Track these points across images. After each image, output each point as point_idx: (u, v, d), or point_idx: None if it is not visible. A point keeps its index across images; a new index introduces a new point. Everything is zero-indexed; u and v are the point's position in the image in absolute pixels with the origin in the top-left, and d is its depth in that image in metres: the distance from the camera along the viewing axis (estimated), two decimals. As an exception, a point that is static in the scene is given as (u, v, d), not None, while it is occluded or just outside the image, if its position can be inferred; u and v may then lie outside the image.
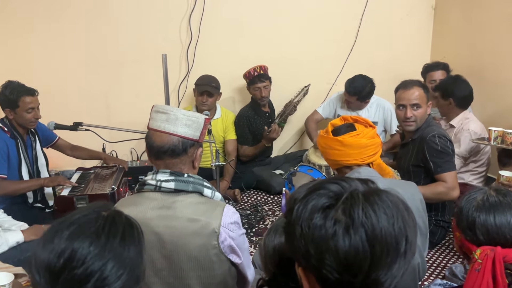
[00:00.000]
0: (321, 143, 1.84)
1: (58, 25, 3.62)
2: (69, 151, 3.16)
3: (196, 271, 1.41)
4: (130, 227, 0.96)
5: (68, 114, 3.18)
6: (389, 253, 0.73)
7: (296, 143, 4.35)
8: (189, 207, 1.42)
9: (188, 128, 1.44)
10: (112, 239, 0.90)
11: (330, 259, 0.73)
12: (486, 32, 3.60)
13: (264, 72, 3.66)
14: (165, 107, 1.46)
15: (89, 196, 2.62)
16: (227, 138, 3.74)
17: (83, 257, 0.86)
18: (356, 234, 0.73)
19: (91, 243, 0.88)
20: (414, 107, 2.52)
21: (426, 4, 4.23)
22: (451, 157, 2.51)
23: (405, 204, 0.79)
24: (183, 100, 3.96)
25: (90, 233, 0.89)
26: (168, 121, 1.43)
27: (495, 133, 2.76)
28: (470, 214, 1.29)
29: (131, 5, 3.71)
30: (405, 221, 0.76)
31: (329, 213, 0.75)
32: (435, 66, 3.55)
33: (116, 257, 0.89)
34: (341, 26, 4.09)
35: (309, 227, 0.76)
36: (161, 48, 3.03)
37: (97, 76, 3.77)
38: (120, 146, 3.40)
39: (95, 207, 0.97)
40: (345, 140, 1.74)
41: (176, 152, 1.44)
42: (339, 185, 0.79)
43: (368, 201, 0.75)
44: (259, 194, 3.66)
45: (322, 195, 0.78)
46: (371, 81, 3.61)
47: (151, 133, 1.47)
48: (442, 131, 2.53)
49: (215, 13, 3.82)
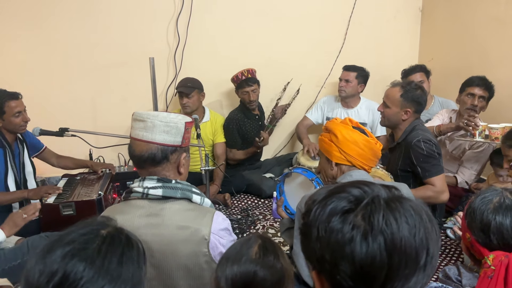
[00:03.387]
0: (344, 133, 1.74)
1: (43, 29, 3.56)
2: (54, 161, 3.12)
3: (186, 280, 1.38)
4: (129, 248, 0.89)
5: (54, 120, 3.13)
6: (408, 265, 0.70)
7: (286, 146, 4.34)
8: (178, 214, 1.38)
9: (166, 135, 1.39)
10: (108, 263, 0.83)
11: (345, 266, 0.70)
12: (473, 33, 3.63)
13: (252, 76, 3.64)
14: (143, 114, 1.40)
15: (75, 203, 2.56)
16: (216, 141, 3.71)
17: (75, 282, 0.79)
18: (375, 241, 0.69)
19: (85, 267, 0.81)
20: (384, 104, 2.62)
21: (413, 6, 4.25)
22: (438, 160, 2.51)
23: (429, 215, 0.75)
24: (171, 104, 3.92)
25: (86, 255, 0.82)
26: (145, 129, 1.39)
27: (480, 128, 2.75)
28: (485, 216, 1.23)
29: (117, 9, 3.66)
30: (427, 232, 0.72)
31: (348, 217, 0.72)
32: (412, 69, 3.58)
33: (112, 281, 0.82)
34: (329, 29, 4.10)
35: (326, 230, 0.73)
36: (148, 52, 2.99)
37: (83, 80, 3.71)
38: (107, 152, 3.34)
39: (94, 224, 0.90)
40: (372, 144, 1.74)
41: (156, 160, 1.39)
42: (361, 189, 0.75)
43: (389, 208, 0.72)
44: (250, 198, 3.63)
45: (342, 199, 0.75)
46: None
47: (131, 142, 1.43)
48: (427, 135, 2.52)
49: (202, 16, 3.79)
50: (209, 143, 3.70)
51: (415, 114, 2.57)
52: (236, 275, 1.11)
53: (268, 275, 1.11)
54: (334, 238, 0.71)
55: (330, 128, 1.81)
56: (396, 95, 2.55)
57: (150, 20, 3.74)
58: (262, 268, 1.11)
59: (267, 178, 3.74)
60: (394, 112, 2.57)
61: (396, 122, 2.60)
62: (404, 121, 2.57)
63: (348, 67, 3.74)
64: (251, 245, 1.17)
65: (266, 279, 1.10)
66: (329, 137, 1.80)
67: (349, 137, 1.74)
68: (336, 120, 1.83)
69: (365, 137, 1.75)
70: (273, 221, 3.19)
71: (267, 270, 1.11)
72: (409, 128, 2.57)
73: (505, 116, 2.82)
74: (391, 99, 2.57)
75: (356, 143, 1.73)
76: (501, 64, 3.37)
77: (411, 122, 2.57)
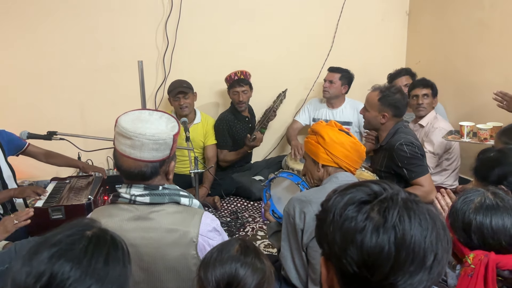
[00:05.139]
0: (331, 135, 1.77)
1: (31, 33, 3.53)
2: (43, 158, 2.99)
3: (175, 283, 1.38)
4: (115, 248, 0.91)
5: (42, 123, 3.10)
6: (414, 262, 0.71)
7: (276, 148, 4.36)
8: (167, 217, 1.38)
9: (156, 152, 1.33)
10: (95, 263, 0.84)
11: (353, 251, 0.73)
12: (458, 36, 3.69)
13: (244, 77, 3.67)
14: (128, 131, 1.30)
15: (64, 207, 2.53)
16: (207, 143, 3.71)
17: (62, 282, 0.80)
18: (385, 234, 0.71)
19: (72, 267, 0.82)
20: (364, 107, 2.68)
21: (400, 10, 4.31)
22: (422, 161, 2.56)
23: (444, 224, 0.77)
24: (160, 107, 3.92)
25: (73, 256, 0.83)
26: (133, 147, 1.31)
27: (467, 128, 2.79)
28: (467, 216, 1.26)
29: (106, 12, 3.65)
30: (438, 237, 0.74)
31: (364, 208, 0.75)
32: (398, 73, 3.66)
33: (99, 281, 0.83)
34: (318, 32, 4.13)
35: (341, 216, 0.76)
36: (137, 55, 2.99)
37: (72, 84, 3.69)
38: (96, 155, 3.32)
39: (79, 226, 0.91)
40: (358, 145, 1.76)
41: (146, 176, 1.37)
42: (381, 186, 0.78)
43: (405, 207, 0.74)
44: (239, 201, 3.64)
45: (361, 191, 0.78)
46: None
47: (117, 155, 1.36)
48: (409, 138, 2.55)
49: (191, 19, 3.80)
50: (200, 145, 3.70)
51: (394, 118, 2.60)
52: (218, 275, 1.13)
53: (249, 273, 1.14)
54: (347, 224, 0.74)
55: (316, 130, 1.83)
56: (374, 99, 2.60)
57: (138, 23, 3.74)
58: (243, 266, 1.14)
59: (257, 180, 3.75)
60: (373, 116, 2.62)
61: (376, 126, 2.65)
62: (383, 124, 2.61)
63: (332, 68, 3.79)
64: (232, 244, 1.21)
65: (247, 277, 1.13)
66: (316, 139, 1.82)
67: (336, 138, 1.76)
68: (322, 123, 1.86)
69: (351, 138, 1.78)
70: (263, 224, 3.20)
71: (248, 268, 1.14)
72: (392, 131, 2.61)
73: (489, 118, 2.87)
74: (370, 103, 2.63)
75: (342, 145, 1.76)
76: (485, 67, 3.43)
77: (394, 125, 2.61)
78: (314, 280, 1.71)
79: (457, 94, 3.74)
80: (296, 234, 1.71)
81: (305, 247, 1.70)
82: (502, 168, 1.62)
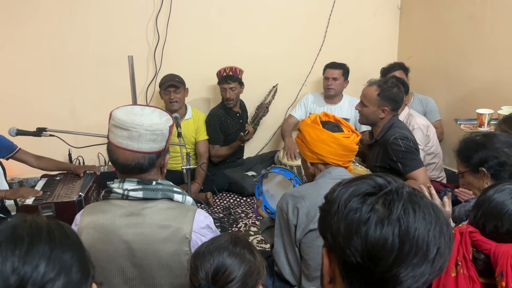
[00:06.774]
0: (312, 134, 1.76)
1: (20, 28, 3.48)
2: (33, 162, 2.98)
3: (168, 279, 1.38)
4: (57, 227, 0.81)
5: (31, 120, 3.06)
6: (417, 255, 0.72)
7: (268, 143, 4.34)
8: (159, 213, 1.37)
9: (153, 143, 1.34)
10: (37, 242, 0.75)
11: (357, 242, 0.73)
12: (450, 31, 3.70)
13: (233, 74, 3.64)
14: (126, 122, 1.31)
15: (55, 204, 2.50)
16: (198, 139, 3.69)
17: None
18: (389, 226, 0.72)
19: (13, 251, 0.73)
20: (362, 103, 2.66)
21: (392, 4, 4.31)
22: (416, 155, 2.56)
23: (447, 220, 0.78)
24: (151, 102, 3.89)
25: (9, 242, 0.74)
26: (130, 138, 1.31)
27: (488, 116, 2.69)
28: (506, 204, 1.33)
29: (96, 7, 3.61)
30: (441, 232, 0.75)
31: (368, 199, 0.75)
32: (391, 68, 3.58)
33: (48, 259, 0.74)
34: (309, 27, 4.12)
35: (346, 206, 0.76)
36: (128, 50, 2.95)
37: (62, 80, 3.65)
38: (86, 152, 3.28)
39: (13, 220, 0.81)
40: (340, 140, 1.72)
41: (144, 168, 1.36)
42: (386, 180, 0.79)
43: (410, 200, 0.75)
44: (232, 197, 3.63)
45: (366, 183, 0.78)
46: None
47: (113, 148, 1.35)
48: (403, 132, 2.56)
49: (182, 13, 3.77)
50: (192, 140, 3.68)
51: (392, 112, 2.61)
52: (206, 263, 1.13)
53: (236, 262, 1.13)
54: (351, 215, 0.75)
55: (300, 129, 1.83)
56: (373, 94, 2.59)
57: (129, 18, 3.70)
58: (230, 255, 1.14)
59: (249, 176, 3.74)
60: (371, 111, 2.61)
61: (374, 121, 2.64)
62: (382, 119, 2.61)
63: (332, 64, 3.76)
64: (224, 236, 1.22)
65: (234, 266, 1.13)
66: (301, 137, 1.82)
67: (316, 136, 1.74)
68: (308, 119, 1.83)
69: (331, 134, 1.73)
70: (255, 219, 3.20)
71: (235, 257, 1.14)
72: (387, 126, 2.61)
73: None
74: (368, 98, 2.61)
75: (323, 142, 1.73)
76: (476, 61, 3.45)
77: (389, 120, 2.61)
78: (307, 276, 1.71)
79: (448, 88, 3.75)
80: (289, 229, 1.70)
81: (298, 242, 1.69)
82: (486, 152, 1.74)
